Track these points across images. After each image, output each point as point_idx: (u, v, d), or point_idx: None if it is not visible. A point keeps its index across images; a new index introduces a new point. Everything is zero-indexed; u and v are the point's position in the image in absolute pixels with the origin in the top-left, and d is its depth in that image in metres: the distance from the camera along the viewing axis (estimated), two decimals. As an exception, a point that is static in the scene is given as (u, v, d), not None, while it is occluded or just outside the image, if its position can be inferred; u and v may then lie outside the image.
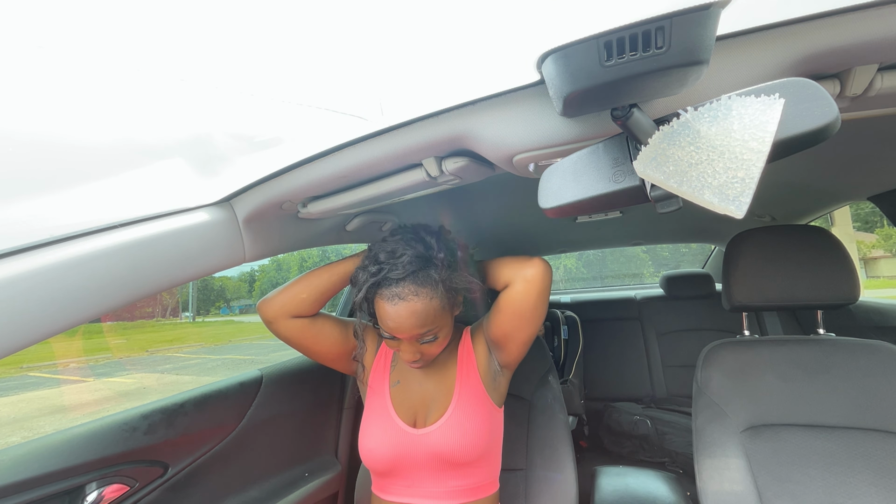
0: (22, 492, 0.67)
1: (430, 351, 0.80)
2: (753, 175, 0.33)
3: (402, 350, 0.80)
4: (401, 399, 0.87)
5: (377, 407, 0.87)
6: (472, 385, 0.87)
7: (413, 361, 0.80)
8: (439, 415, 0.84)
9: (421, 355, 0.80)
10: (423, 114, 0.51)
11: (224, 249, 0.65)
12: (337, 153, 0.58)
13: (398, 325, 0.74)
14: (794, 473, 0.85)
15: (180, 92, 0.59)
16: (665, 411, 2.04)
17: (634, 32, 0.32)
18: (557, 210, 0.44)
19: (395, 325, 0.74)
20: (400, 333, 0.76)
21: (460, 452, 0.80)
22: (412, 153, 0.57)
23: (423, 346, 0.79)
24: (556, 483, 0.99)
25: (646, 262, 6.98)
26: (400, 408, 0.86)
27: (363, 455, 0.85)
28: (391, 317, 0.74)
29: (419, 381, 0.89)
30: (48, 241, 0.47)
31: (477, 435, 0.82)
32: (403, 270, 0.74)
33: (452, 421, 0.83)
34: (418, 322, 0.74)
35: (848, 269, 0.93)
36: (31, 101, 0.53)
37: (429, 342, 0.79)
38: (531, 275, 0.79)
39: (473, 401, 0.86)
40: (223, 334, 18.77)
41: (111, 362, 12.56)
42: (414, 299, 0.73)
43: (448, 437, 0.81)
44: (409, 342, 0.78)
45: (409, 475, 0.83)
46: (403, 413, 0.86)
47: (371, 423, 0.86)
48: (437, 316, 0.76)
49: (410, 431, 0.83)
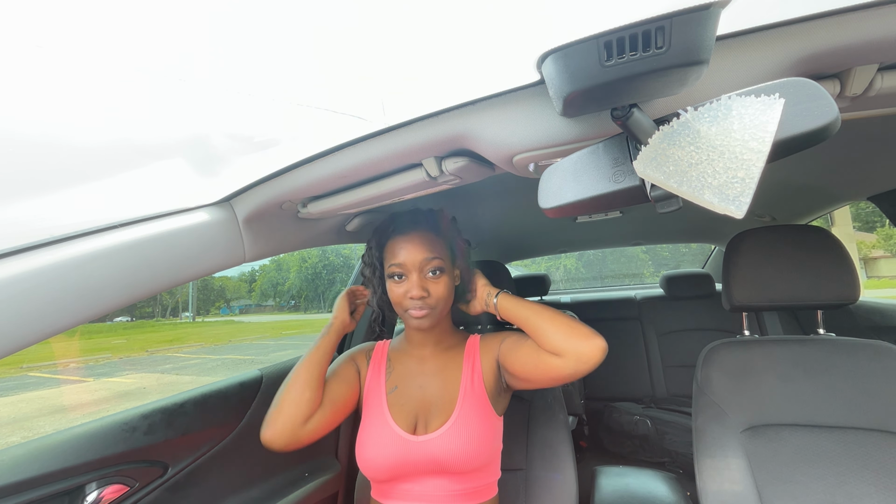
0: (22, 492, 0.67)
1: (436, 287, 0.81)
2: (753, 175, 0.33)
3: (411, 285, 0.80)
4: (399, 405, 0.85)
5: (374, 414, 0.85)
6: (476, 394, 0.85)
7: (420, 299, 0.80)
8: (441, 421, 0.82)
9: (427, 293, 0.80)
10: (423, 114, 0.51)
11: (224, 249, 0.65)
12: (337, 153, 0.58)
13: (408, 252, 0.80)
14: (794, 473, 0.85)
15: (180, 92, 0.59)
16: (665, 411, 2.04)
17: (634, 32, 0.32)
18: (557, 210, 0.44)
19: (405, 252, 0.80)
20: (409, 261, 0.80)
21: (462, 461, 0.78)
22: (412, 153, 0.57)
23: (430, 282, 0.81)
24: (556, 483, 0.98)
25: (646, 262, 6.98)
26: (398, 414, 0.84)
27: (362, 465, 0.83)
28: (402, 245, 0.81)
29: (420, 385, 0.87)
30: (48, 241, 0.47)
31: (480, 443, 0.80)
32: (415, 215, 0.87)
33: (455, 429, 0.80)
34: (428, 246, 0.81)
35: (848, 269, 0.93)
36: (31, 101, 0.53)
37: (435, 277, 0.81)
38: (588, 355, 0.71)
39: (477, 409, 0.83)
40: (223, 334, 18.78)
41: (111, 362, 12.56)
42: (424, 231, 0.83)
43: (450, 445, 0.79)
44: (417, 274, 0.80)
45: (409, 481, 0.82)
46: (402, 419, 0.83)
47: (369, 432, 0.84)
48: (442, 251, 0.83)
49: (410, 439, 0.80)
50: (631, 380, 2.28)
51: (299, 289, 31.10)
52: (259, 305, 33.21)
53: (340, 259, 27.67)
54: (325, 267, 30.48)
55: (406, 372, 0.89)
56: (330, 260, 28.61)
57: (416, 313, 0.81)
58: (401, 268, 0.81)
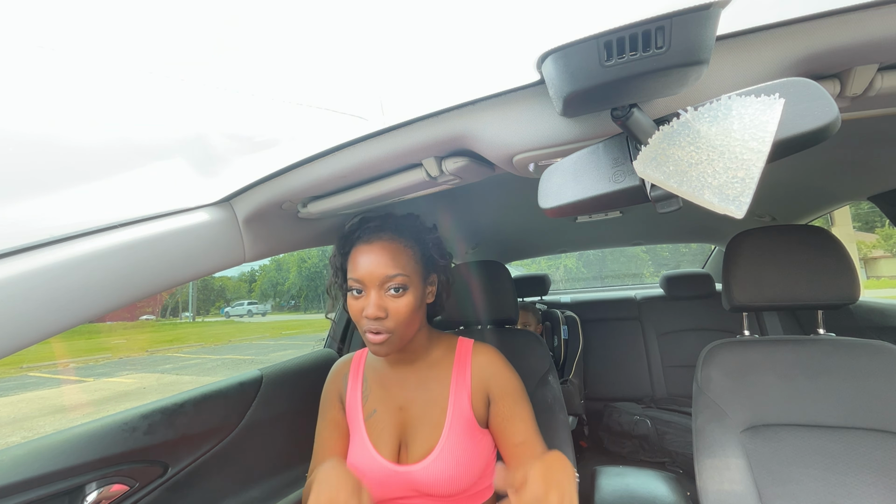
0: (22, 492, 0.67)
1: (396, 308, 0.71)
2: (753, 175, 0.33)
3: (368, 303, 0.70)
4: (379, 430, 0.79)
5: (355, 440, 0.80)
6: (464, 416, 0.78)
7: (375, 320, 0.70)
8: (427, 448, 0.76)
9: (386, 313, 0.70)
10: (423, 114, 0.51)
11: (224, 249, 0.65)
12: (337, 153, 0.58)
13: (368, 265, 0.71)
14: (794, 473, 0.85)
15: (180, 92, 0.59)
16: (665, 411, 2.04)
17: (634, 32, 0.32)
18: (557, 210, 0.44)
19: (364, 265, 0.71)
20: (368, 276, 0.71)
21: (449, 487, 0.75)
22: (412, 153, 0.56)
23: (389, 300, 0.71)
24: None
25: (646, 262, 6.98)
26: (379, 440, 0.78)
27: None
28: (363, 256, 0.72)
29: (400, 407, 0.81)
30: (48, 241, 0.47)
31: (468, 467, 0.76)
32: (385, 221, 0.77)
33: (442, 456, 0.75)
34: (390, 260, 0.72)
35: (848, 269, 0.93)
36: (32, 101, 0.53)
37: (397, 294, 0.71)
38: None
39: (465, 431, 0.77)
40: (223, 334, 18.78)
41: (111, 362, 12.56)
42: (389, 241, 0.74)
43: (436, 475, 0.74)
44: (376, 290, 0.71)
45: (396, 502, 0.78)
46: (383, 445, 0.78)
47: (351, 458, 0.79)
48: (409, 265, 0.73)
49: (392, 468, 0.75)
50: (631, 380, 2.28)
51: (299, 289, 31.16)
52: (259, 305, 33.36)
53: (340, 259, 27.57)
54: (326, 267, 30.35)
55: (384, 392, 0.83)
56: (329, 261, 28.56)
57: (372, 338, 0.71)
58: (358, 283, 0.72)
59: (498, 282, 1.17)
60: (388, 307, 0.71)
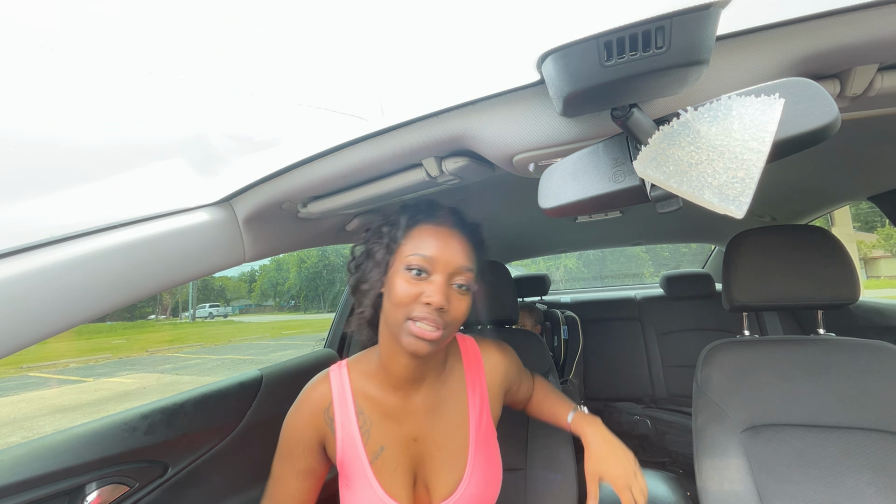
0: (22, 492, 0.67)
1: (458, 305, 0.63)
2: (753, 175, 0.33)
3: (432, 289, 0.61)
4: (391, 471, 0.67)
5: (359, 488, 0.66)
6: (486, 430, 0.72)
7: (438, 310, 0.60)
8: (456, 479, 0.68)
9: (448, 305, 0.61)
10: (423, 114, 0.51)
11: (224, 249, 0.65)
12: (337, 153, 0.58)
13: (443, 247, 0.63)
14: (794, 473, 0.85)
15: (180, 92, 0.59)
16: (665, 411, 2.04)
17: (634, 32, 0.32)
18: (557, 210, 0.44)
19: (438, 246, 0.63)
20: (442, 259, 0.62)
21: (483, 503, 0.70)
22: (412, 153, 0.57)
23: (454, 294, 0.63)
24: (556, 483, 0.98)
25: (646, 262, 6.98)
26: (391, 482, 0.66)
27: None
28: (436, 237, 0.64)
29: (414, 438, 0.69)
30: (48, 241, 0.47)
31: (497, 477, 0.73)
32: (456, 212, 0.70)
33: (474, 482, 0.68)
34: (465, 252, 0.65)
35: (848, 269, 0.93)
36: (32, 101, 0.53)
37: (461, 291, 0.64)
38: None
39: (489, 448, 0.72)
40: (223, 334, 18.78)
41: (111, 362, 12.56)
42: (463, 234, 0.67)
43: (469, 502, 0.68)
44: (443, 278, 0.62)
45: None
46: (397, 488, 0.66)
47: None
48: (475, 267, 0.67)
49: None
50: (631, 380, 2.28)
51: (299, 289, 31.16)
52: (259, 305, 33.34)
53: (340, 259, 27.70)
54: (326, 267, 30.53)
55: (388, 423, 0.69)
56: (330, 260, 28.63)
57: (426, 331, 0.60)
58: (428, 263, 0.62)
59: (498, 282, 1.17)
60: (452, 300, 0.63)
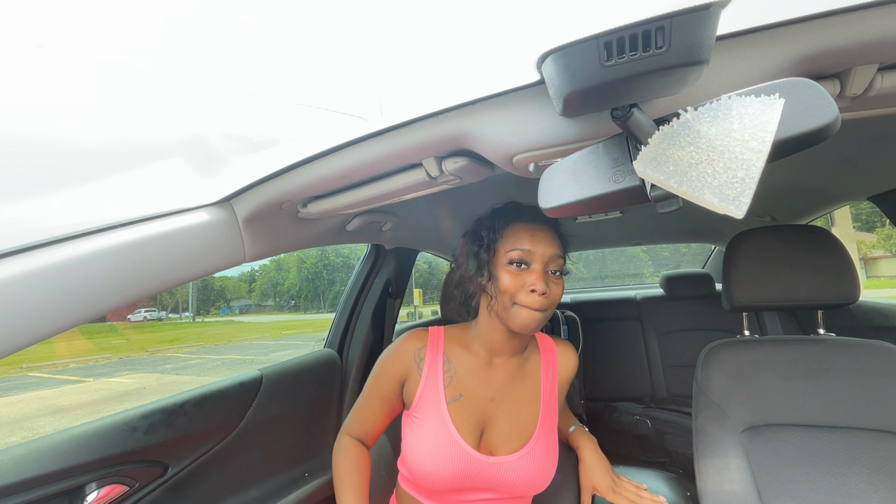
0: (22, 492, 0.67)
1: (555, 291, 0.73)
2: (753, 175, 0.33)
3: (535, 278, 0.71)
4: (464, 417, 0.77)
5: (433, 424, 0.76)
6: (552, 414, 0.80)
7: (541, 295, 0.71)
8: (517, 445, 0.76)
9: (548, 289, 0.71)
10: (422, 114, 0.51)
11: (224, 249, 0.65)
12: (337, 153, 0.58)
13: (538, 242, 0.73)
14: (794, 473, 0.85)
15: (180, 92, 0.59)
16: (665, 411, 2.04)
17: (634, 32, 0.32)
18: (557, 210, 0.44)
19: (534, 241, 0.73)
20: (538, 250, 0.73)
21: (533, 486, 0.76)
22: (412, 153, 0.57)
23: (551, 280, 0.73)
24: (556, 483, 0.98)
25: (646, 262, 6.98)
26: (463, 427, 0.76)
27: (420, 476, 0.75)
28: (531, 232, 0.74)
29: (491, 398, 0.79)
30: (48, 241, 0.47)
31: (552, 468, 0.77)
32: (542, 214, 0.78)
33: (534, 454, 0.76)
34: (554, 243, 0.75)
35: (848, 269, 0.93)
36: (31, 101, 0.53)
37: (555, 277, 0.74)
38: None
39: (553, 430, 0.80)
40: (223, 334, 18.78)
41: (111, 362, 12.56)
42: (551, 229, 0.77)
43: (524, 472, 0.75)
44: (541, 266, 0.73)
45: (465, 497, 0.77)
46: (467, 432, 0.76)
47: (429, 444, 0.75)
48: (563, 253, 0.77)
49: (480, 458, 0.74)
50: (631, 380, 2.28)
51: (299, 289, 31.16)
52: (259, 305, 33.33)
53: (340, 259, 27.71)
54: (325, 267, 30.54)
55: (470, 378, 0.80)
56: (330, 260, 28.65)
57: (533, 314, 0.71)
58: (527, 255, 0.73)
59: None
60: (550, 285, 0.72)
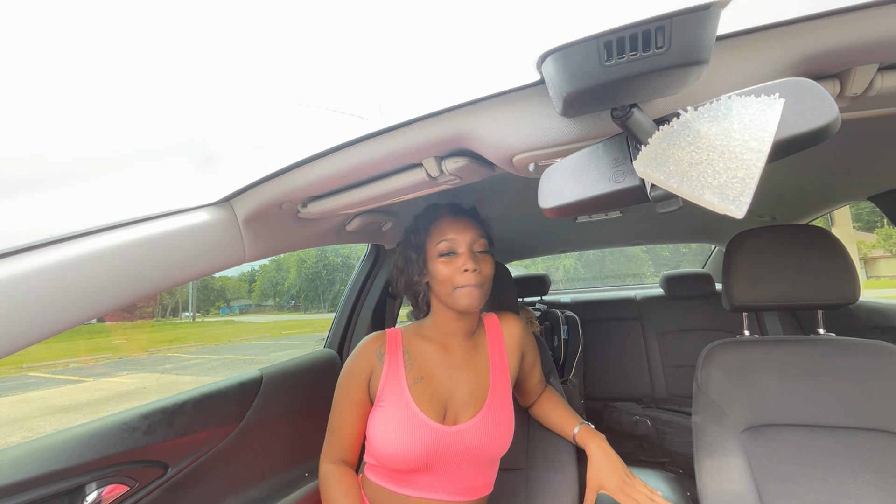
0: (22, 492, 0.66)
1: (485, 267, 0.83)
2: (753, 175, 0.33)
3: (464, 260, 0.81)
4: (427, 396, 0.83)
5: (396, 407, 0.82)
6: (503, 382, 0.89)
7: (474, 272, 0.81)
8: (473, 411, 0.84)
9: (478, 265, 0.82)
10: (422, 114, 0.51)
11: (224, 249, 0.65)
12: (337, 153, 0.58)
13: (460, 227, 0.84)
14: (794, 473, 0.85)
15: (180, 92, 0.59)
16: (665, 411, 2.04)
17: (634, 32, 0.32)
18: (557, 210, 0.44)
19: (456, 228, 0.84)
20: (461, 235, 0.83)
21: (494, 447, 0.82)
22: (412, 153, 0.56)
23: (479, 259, 0.83)
24: (556, 483, 0.98)
25: (646, 262, 6.98)
26: (426, 405, 0.82)
27: (387, 457, 0.79)
28: (451, 224, 0.84)
29: (449, 375, 0.87)
30: (48, 241, 0.47)
31: (509, 430, 0.85)
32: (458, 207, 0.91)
33: (490, 416, 0.83)
34: (476, 227, 0.86)
35: (848, 269, 0.93)
36: (33, 101, 0.53)
37: (483, 255, 0.85)
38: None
39: (505, 397, 0.88)
40: (223, 334, 18.77)
41: (111, 362, 12.56)
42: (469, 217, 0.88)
43: (484, 433, 0.82)
44: (467, 248, 0.83)
45: (436, 472, 0.81)
46: (430, 410, 0.82)
47: (393, 424, 0.80)
48: (486, 236, 0.87)
49: (443, 429, 0.80)
50: (631, 380, 2.28)
51: (299, 289, 31.18)
52: (259, 305, 33.35)
53: (340, 259, 27.72)
54: (325, 267, 30.56)
55: (429, 362, 0.88)
56: (330, 260, 28.65)
57: (471, 291, 0.80)
58: (453, 244, 0.83)
59: (498, 281, 1.16)
60: (479, 263, 0.83)
